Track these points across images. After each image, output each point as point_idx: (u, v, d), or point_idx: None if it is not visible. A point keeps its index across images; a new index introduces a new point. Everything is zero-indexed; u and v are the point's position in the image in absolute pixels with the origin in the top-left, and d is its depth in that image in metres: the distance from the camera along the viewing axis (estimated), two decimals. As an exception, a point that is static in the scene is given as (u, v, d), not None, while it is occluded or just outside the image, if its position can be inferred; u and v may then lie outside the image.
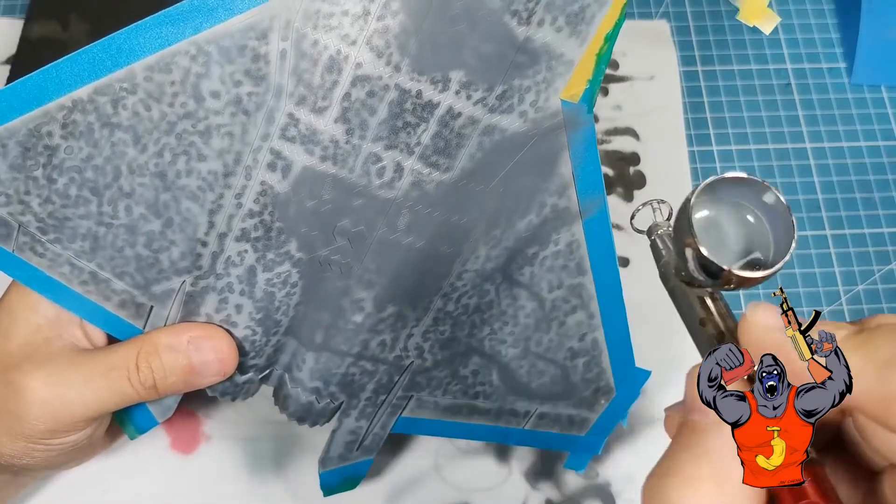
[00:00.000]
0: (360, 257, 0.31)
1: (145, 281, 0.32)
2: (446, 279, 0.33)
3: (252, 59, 0.29)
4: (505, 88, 0.29)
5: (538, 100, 0.30)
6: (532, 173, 0.31)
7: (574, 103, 0.30)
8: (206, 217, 0.31)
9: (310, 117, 0.29)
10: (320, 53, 0.28)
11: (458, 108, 0.29)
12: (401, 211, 0.31)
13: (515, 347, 0.35)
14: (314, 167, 0.30)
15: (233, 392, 0.34)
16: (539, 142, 0.30)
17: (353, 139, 0.29)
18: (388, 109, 0.29)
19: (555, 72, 0.29)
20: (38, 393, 0.30)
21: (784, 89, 0.51)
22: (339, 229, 0.31)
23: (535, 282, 0.33)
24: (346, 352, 0.33)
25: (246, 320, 0.32)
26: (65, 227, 0.31)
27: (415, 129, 0.29)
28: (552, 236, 0.32)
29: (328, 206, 0.30)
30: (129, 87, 0.29)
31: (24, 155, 0.30)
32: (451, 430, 0.37)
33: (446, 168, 0.30)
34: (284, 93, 0.29)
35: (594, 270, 0.33)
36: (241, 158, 0.30)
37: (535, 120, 0.30)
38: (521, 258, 0.33)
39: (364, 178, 0.30)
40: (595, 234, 0.32)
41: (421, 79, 0.28)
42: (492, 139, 0.30)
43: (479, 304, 0.34)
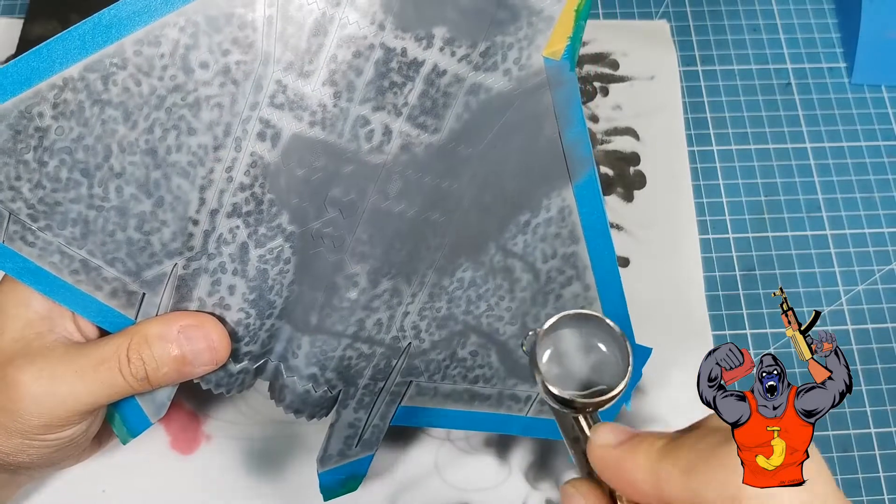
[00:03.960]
0: (352, 228, 0.32)
1: (136, 266, 0.32)
2: (440, 250, 0.33)
3: (239, 27, 0.29)
4: (488, 45, 0.30)
5: (521, 57, 0.30)
6: (519, 134, 0.31)
7: (556, 60, 0.30)
8: (196, 194, 0.31)
9: (297, 82, 0.29)
10: (306, 17, 0.29)
11: (443, 65, 0.30)
12: (391, 177, 0.31)
13: (513, 324, 0.35)
14: (303, 133, 0.30)
15: (227, 384, 0.34)
16: (524, 101, 0.31)
17: (340, 102, 0.30)
18: (375, 69, 0.29)
19: (535, 28, 0.30)
20: (30, 388, 0.30)
21: (784, 89, 0.51)
22: (331, 199, 0.31)
23: (529, 251, 0.34)
24: (342, 332, 0.33)
25: (239, 301, 0.32)
26: (55, 212, 0.31)
27: (401, 88, 0.30)
28: (543, 202, 0.33)
29: (318, 174, 0.31)
30: (119, 62, 0.29)
31: (15, 138, 0.30)
32: (452, 419, 0.36)
33: (434, 129, 0.30)
34: (272, 59, 0.29)
35: (587, 238, 0.33)
36: (231, 130, 0.30)
37: (520, 78, 0.31)
38: (513, 226, 0.33)
39: (353, 143, 0.30)
40: (586, 200, 0.33)
41: (405, 36, 0.29)
42: (478, 98, 0.31)
43: (475, 278, 0.34)
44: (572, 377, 0.28)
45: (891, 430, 0.42)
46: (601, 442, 0.24)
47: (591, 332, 0.28)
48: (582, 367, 0.28)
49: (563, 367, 0.28)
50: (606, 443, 0.24)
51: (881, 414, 0.43)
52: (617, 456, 0.24)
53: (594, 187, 0.33)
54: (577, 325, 0.28)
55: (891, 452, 0.42)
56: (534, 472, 0.41)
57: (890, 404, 0.43)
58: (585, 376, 0.28)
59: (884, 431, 0.42)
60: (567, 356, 0.28)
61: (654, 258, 0.45)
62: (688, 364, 0.42)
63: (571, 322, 0.28)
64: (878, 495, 0.41)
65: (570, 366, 0.28)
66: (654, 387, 0.42)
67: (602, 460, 0.24)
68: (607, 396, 0.26)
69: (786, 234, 0.47)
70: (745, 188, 0.48)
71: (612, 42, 0.51)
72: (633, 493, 0.23)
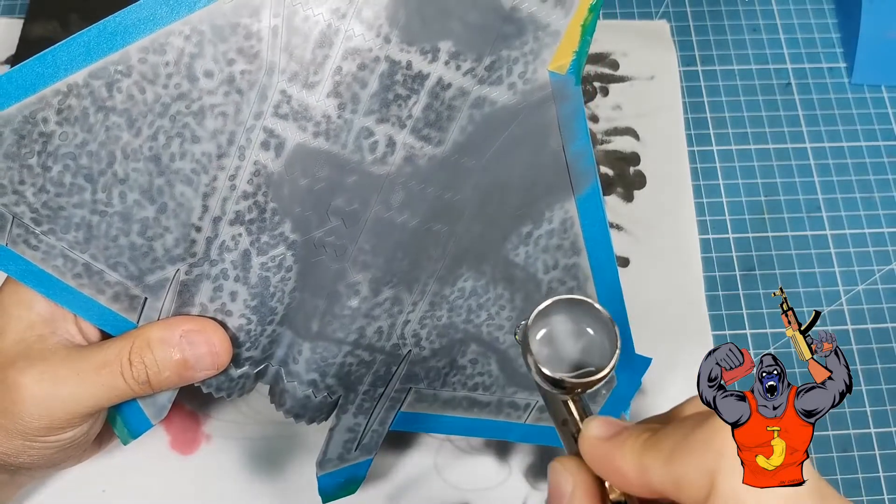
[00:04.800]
0: (354, 238, 0.32)
1: (139, 271, 0.32)
2: (441, 261, 0.33)
3: (245, 37, 0.29)
4: (493, 59, 0.30)
5: (526, 71, 0.30)
6: (523, 147, 0.31)
7: (561, 75, 0.30)
8: (199, 201, 0.31)
9: (302, 93, 0.29)
10: (311, 28, 0.29)
11: (448, 78, 0.30)
12: (394, 187, 0.31)
13: (513, 333, 0.35)
14: (307, 144, 0.30)
15: (228, 388, 0.34)
16: (529, 115, 0.31)
17: (345, 114, 0.30)
18: (379, 82, 0.29)
19: (541, 42, 0.30)
20: (32, 390, 0.30)
21: (784, 89, 0.51)
22: (333, 208, 0.31)
23: (531, 262, 0.34)
24: (343, 339, 0.33)
25: (241, 308, 0.32)
26: (59, 216, 0.31)
27: (406, 101, 0.30)
28: (545, 213, 0.33)
29: (322, 184, 0.31)
30: (123, 69, 0.29)
31: (19, 143, 0.30)
32: (451, 425, 0.36)
33: (438, 142, 0.30)
34: (277, 69, 0.29)
35: (589, 250, 0.34)
36: (235, 138, 0.30)
37: (524, 92, 0.31)
38: (515, 237, 0.33)
39: (357, 154, 0.30)
40: (588, 212, 0.33)
41: (411, 49, 0.29)
42: (482, 112, 0.30)
43: (476, 288, 0.34)
44: (563, 360, 0.28)
45: (891, 430, 0.43)
46: (591, 434, 0.25)
47: (581, 318, 0.28)
48: (572, 351, 0.28)
49: (554, 350, 0.28)
50: (597, 435, 0.25)
51: (881, 414, 0.43)
52: (606, 448, 0.25)
53: (597, 199, 0.33)
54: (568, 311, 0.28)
55: (891, 452, 0.42)
56: (534, 472, 0.41)
57: (890, 404, 0.43)
58: (575, 359, 0.28)
59: (884, 431, 0.42)
60: (558, 340, 0.28)
61: (654, 258, 0.45)
62: (688, 364, 0.42)
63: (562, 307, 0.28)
64: (878, 495, 0.41)
65: (560, 349, 0.28)
66: (655, 387, 0.42)
67: (592, 452, 0.25)
68: (596, 377, 0.27)
69: (786, 234, 0.47)
70: (745, 188, 0.48)
71: (612, 42, 0.51)
72: (621, 483, 0.24)
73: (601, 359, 0.28)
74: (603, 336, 0.28)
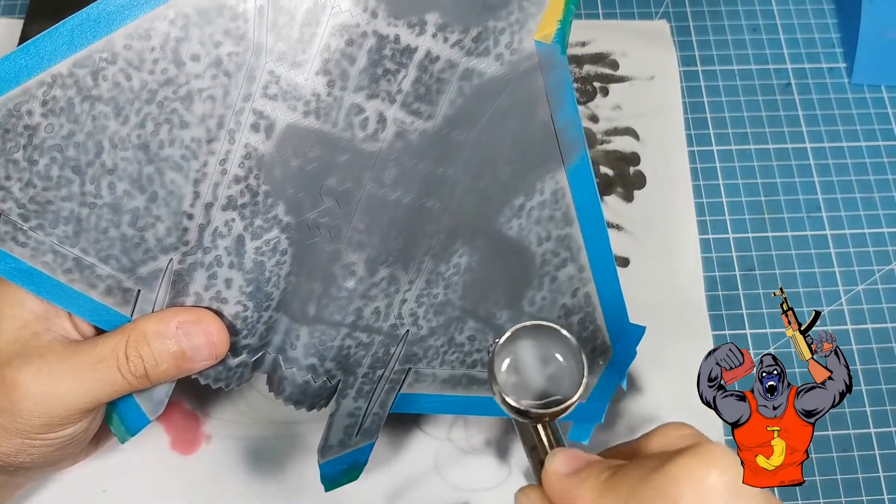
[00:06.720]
0: (348, 218, 0.32)
1: (131, 263, 0.31)
2: (436, 237, 0.33)
3: (230, 18, 0.29)
4: (480, 30, 0.30)
5: (513, 41, 0.31)
6: (512, 119, 0.32)
7: (547, 44, 0.31)
8: (190, 187, 0.31)
9: (290, 72, 0.29)
10: (297, 6, 0.29)
11: (436, 51, 0.30)
12: (387, 164, 0.31)
13: (509, 308, 0.35)
14: (297, 124, 0.30)
15: (226, 378, 0.33)
16: (517, 85, 0.31)
17: (334, 91, 0.30)
18: (368, 57, 0.29)
19: (527, 12, 0.30)
20: (29, 388, 0.30)
21: (784, 89, 0.51)
22: (326, 189, 0.31)
23: (524, 235, 0.34)
24: (341, 322, 0.33)
25: (236, 294, 0.32)
26: (47, 211, 0.30)
27: (395, 75, 0.30)
28: (537, 185, 0.33)
29: (314, 164, 0.31)
30: (108, 56, 0.29)
31: (4, 137, 0.29)
32: (451, 405, 0.36)
33: (428, 116, 0.31)
34: (264, 50, 0.29)
35: (580, 219, 0.34)
36: (224, 122, 0.30)
37: (512, 62, 0.31)
38: (508, 210, 0.33)
39: (348, 132, 0.30)
40: (578, 182, 0.33)
41: (398, 23, 0.29)
42: (471, 84, 0.31)
43: (470, 263, 0.34)
44: (530, 387, 0.28)
45: (891, 430, 0.43)
46: (553, 469, 0.26)
47: (549, 344, 0.28)
48: (539, 378, 0.29)
49: (521, 377, 0.28)
50: (558, 470, 0.26)
51: (881, 414, 0.43)
52: (567, 485, 0.25)
53: (586, 169, 0.33)
54: (535, 337, 0.29)
55: (891, 452, 0.42)
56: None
57: (890, 404, 0.43)
58: (542, 386, 0.28)
59: (884, 431, 0.42)
60: (525, 366, 0.29)
61: (654, 258, 0.45)
62: (688, 364, 0.42)
63: (529, 333, 0.28)
64: (878, 495, 0.41)
65: (527, 376, 0.29)
66: (654, 387, 0.42)
67: (553, 487, 0.26)
68: (561, 407, 0.27)
69: (786, 234, 0.47)
70: (745, 188, 0.48)
71: (612, 42, 0.51)
72: None
73: (568, 387, 0.28)
74: (571, 362, 0.28)
